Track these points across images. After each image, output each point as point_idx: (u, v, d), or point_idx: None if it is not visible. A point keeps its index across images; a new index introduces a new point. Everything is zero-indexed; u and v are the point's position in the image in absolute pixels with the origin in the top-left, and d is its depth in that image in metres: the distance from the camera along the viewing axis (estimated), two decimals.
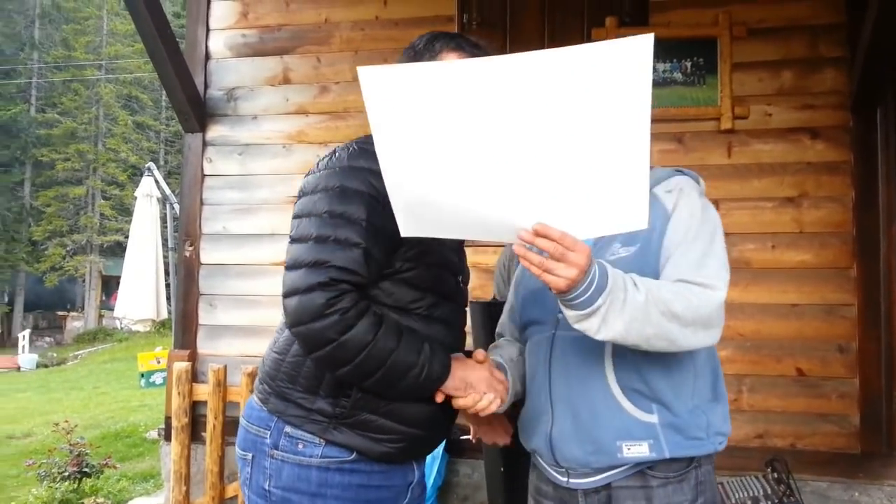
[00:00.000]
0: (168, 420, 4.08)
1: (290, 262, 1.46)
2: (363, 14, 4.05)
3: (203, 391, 3.98)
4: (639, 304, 1.36)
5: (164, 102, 31.14)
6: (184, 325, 4.23)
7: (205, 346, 4.18)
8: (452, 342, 1.66)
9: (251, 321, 3.96)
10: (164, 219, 7.22)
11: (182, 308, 4.25)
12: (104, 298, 29.65)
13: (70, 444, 5.39)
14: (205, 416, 3.96)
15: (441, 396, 1.54)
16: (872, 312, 3.40)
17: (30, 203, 30.41)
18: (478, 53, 1.59)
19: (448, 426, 1.67)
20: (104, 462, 5.49)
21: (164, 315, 7.40)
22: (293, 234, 1.51)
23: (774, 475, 2.73)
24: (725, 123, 3.55)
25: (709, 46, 3.55)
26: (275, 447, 1.57)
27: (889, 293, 3.39)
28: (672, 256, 1.52)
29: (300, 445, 1.55)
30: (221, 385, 3.94)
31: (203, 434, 3.98)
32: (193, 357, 4.14)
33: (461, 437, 3.50)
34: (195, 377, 4.09)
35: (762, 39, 3.57)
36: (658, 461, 1.53)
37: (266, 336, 2.65)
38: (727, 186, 3.55)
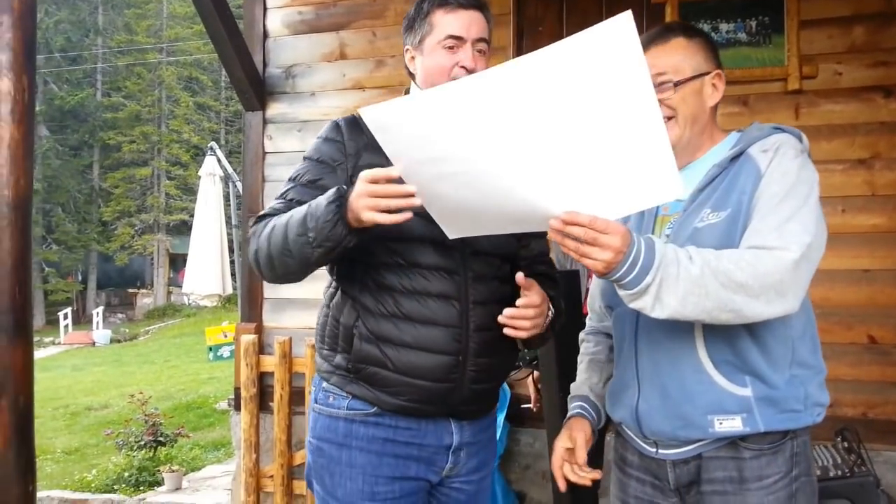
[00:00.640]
0: (237, 391, 4.21)
1: None
2: None
3: (270, 362, 4.10)
4: (693, 277, 1.32)
5: (224, 83, 31.71)
6: (250, 300, 4.34)
7: (270, 319, 4.28)
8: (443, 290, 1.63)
9: (314, 294, 4.01)
10: (228, 197, 7.39)
11: (248, 283, 4.36)
12: (172, 275, 30.62)
13: (145, 415, 5.63)
14: (272, 387, 4.08)
15: None
16: None
17: (99, 185, 31.50)
18: (461, 3, 1.63)
19: (461, 380, 1.63)
20: (177, 432, 5.72)
21: (230, 290, 7.60)
22: None
23: (845, 445, 2.66)
24: (793, 84, 3.43)
25: (775, 4, 3.42)
26: (315, 401, 1.72)
27: None
28: (753, 220, 1.44)
29: (331, 398, 1.67)
30: (287, 356, 4.04)
31: (270, 404, 4.10)
32: (260, 330, 4.25)
33: (522, 406, 3.54)
34: (262, 349, 4.21)
35: None
36: (751, 434, 1.48)
37: None
38: None
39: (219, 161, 7.41)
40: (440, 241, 1.56)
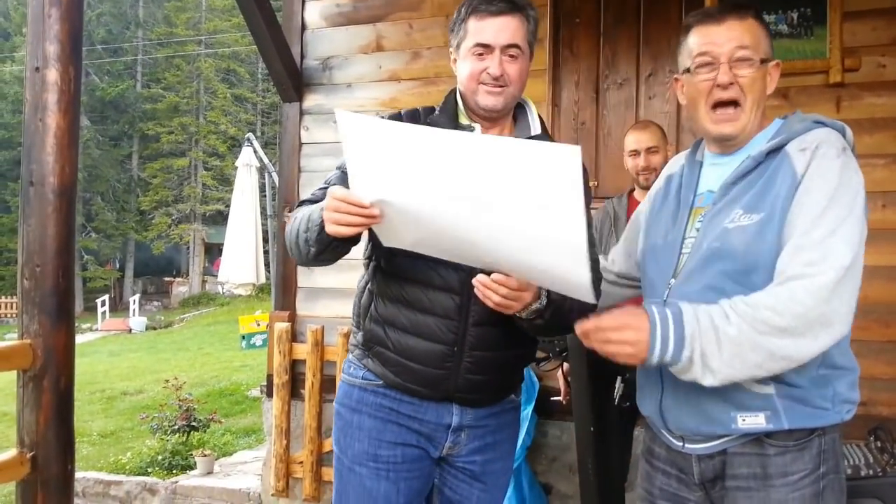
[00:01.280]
0: (270, 377, 4.27)
1: None
2: None
3: (302, 350, 4.15)
4: (733, 338, 1.33)
5: (261, 75, 32.02)
6: (283, 288, 4.40)
7: (303, 308, 4.34)
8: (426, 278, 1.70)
9: (347, 283, 4.06)
10: (263, 187, 7.48)
11: (282, 271, 4.41)
12: (207, 265, 31.06)
13: (179, 400, 5.74)
14: (304, 375, 4.14)
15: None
16: None
17: (137, 175, 32.04)
18: (491, 10, 1.67)
19: (456, 370, 1.71)
20: (210, 417, 5.82)
21: (263, 279, 7.70)
22: None
23: (878, 444, 2.62)
24: (834, 77, 3.36)
25: None
26: (343, 371, 1.90)
27: None
28: (792, 237, 1.40)
29: (351, 368, 1.85)
30: (319, 345, 4.09)
31: (302, 391, 4.15)
32: (293, 318, 4.30)
33: (551, 399, 3.53)
34: (294, 337, 4.26)
35: None
36: (775, 431, 1.47)
37: None
38: None
39: (255, 152, 7.50)
40: None
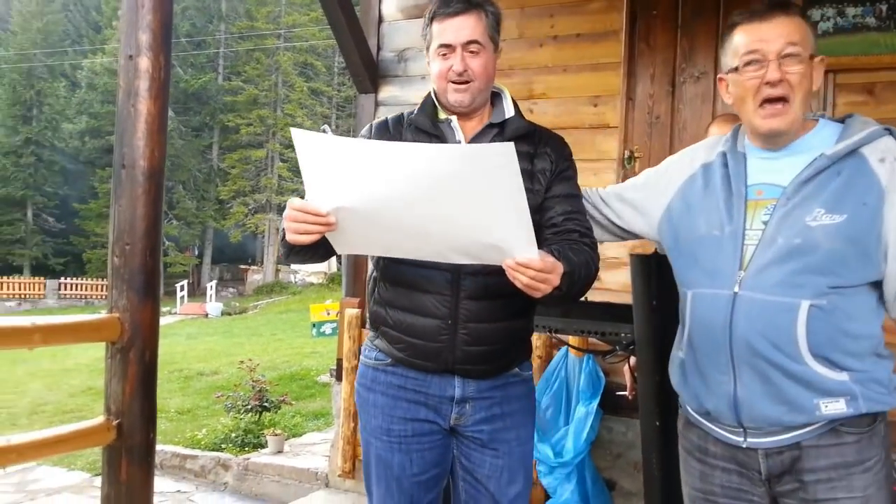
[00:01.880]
0: (339, 362, 4.38)
1: None
2: None
3: None
4: None
5: (337, 69, 32.57)
6: (354, 275, 4.50)
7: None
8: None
9: None
10: None
11: (352, 259, 4.51)
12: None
13: (253, 381, 5.93)
14: None
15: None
16: None
17: (217, 165, 33.11)
18: (448, 12, 1.79)
19: (452, 342, 1.81)
20: (281, 399, 5.99)
21: (335, 269, 7.86)
22: None
23: None
24: None
25: None
26: (361, 353, 2.03)
27: None
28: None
29: (366, 350, 1.98)
30: None
31: None
32: (362, 304, 4.39)
33: (616, 393, 3.51)
34: (364, 323, 4.34)
35: None
36: (851, 417, 1.50)
37: None
38: None
39: None
40: None
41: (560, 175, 1.87)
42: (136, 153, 2.52)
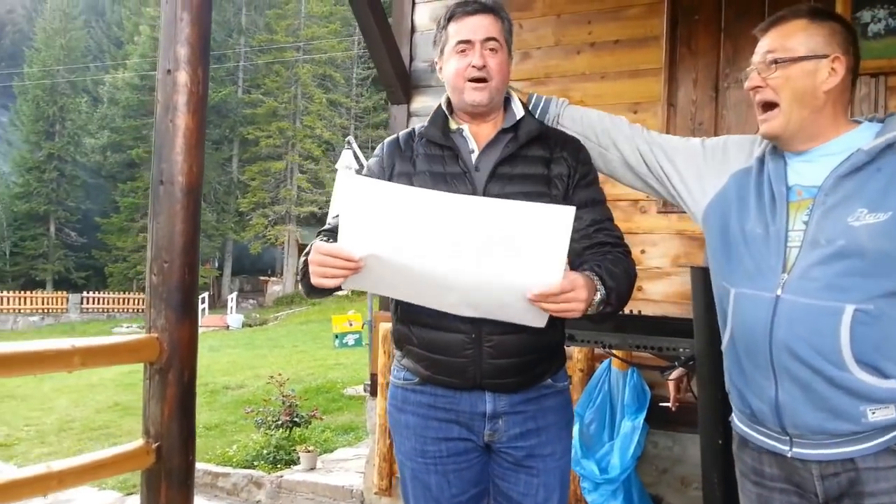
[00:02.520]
0: (374, 377, 4.30)
1: None
2: None
3: None
4: None
5: (355, 80, 32.71)
6: None
7: None
8: None
9: None
10: None
11: None
12: None
13: (283, 396, 5.88)
14: None
15: None
16: None
17: (237, 177, 33.30)
18: (467, 10, 1.79)
19: (478, 356, 1.76)
20: (311, 414, 5.94)
21: None
22: None
23: None
24: None
25: None
26: (390, 373, 1.98)
27: None
28: None
29: (395, 369, 1.94)
30: None
31: None
32: None
33: (660, 404, 3.41)
34: None
35: None
36: None
37: None
38: None
39: (355, 154, 7.63)
40: None
41: (582, 181, 1.83)
42: (175, 168, 2.48)
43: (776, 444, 1.55)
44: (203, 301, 25.82)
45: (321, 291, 1.71)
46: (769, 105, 1.58)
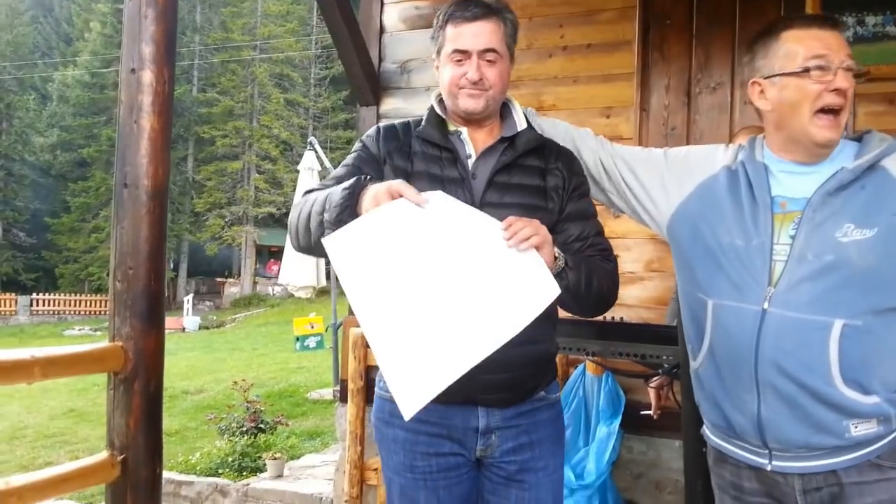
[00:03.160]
0: (343, 382, 4.22)
1: None
2: None
3: None
4: None
5: (313, 80, 32.41)
6: None
7: None
8: None
9: None
10: None
11: None
12: (258, 266, 31.52)
13: (247, 402, 5.76)
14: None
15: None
16: None
17: (192, 177, 32.70)
18: (466, 16, 1.72)
19: (472, 371, 1.66)
20: (277, 420, 5.84)
21: (323, 283, 7.69)
22: None
23: None
24: None
25: None
26: (376, 384, 1.91)
27: None
28: None
29: (381, 381, 1.84)
30: None
31: None
32: None
33: (642, 413, 3.41)
34: (369, 343, 4.21)
35: None
36: (886, 448, 1.44)
37: None
38: None
39: (317, 155, 7.53)
40: None
41: (574, 192, 1.79)
42: (140, 171, 2.37)
43: (755, 458, 1.54)
44: None
45: (317, 248, 1.66)
46: (836, 111, 1.51)
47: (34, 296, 28.87)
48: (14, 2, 35.30)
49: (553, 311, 1.76)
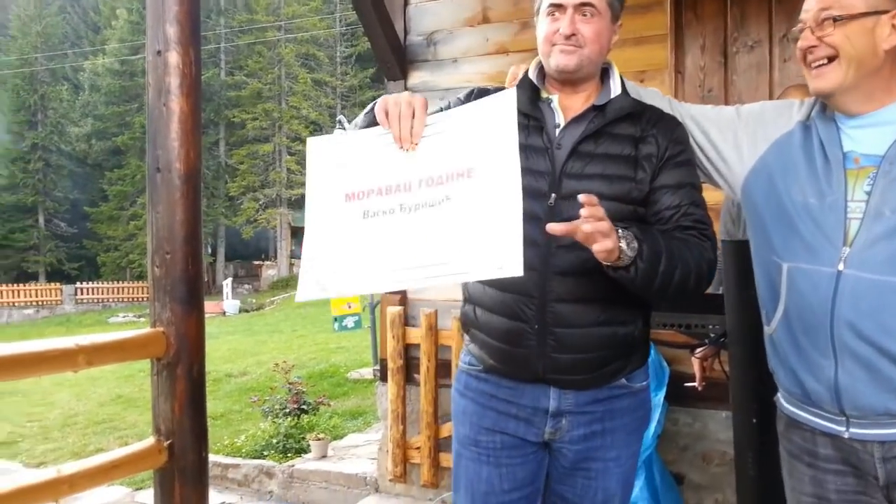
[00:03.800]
0: (383, 362, 4.23)
1: None
2: None
3: (415, 335, 4.08)
4: None
5: (339, 58, 32.32)
6: None
7: (414, 291, 4.25)
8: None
9: None
10: None
11: None
12: (294, 247, 31.76)
13: (289, 383, 5.80)
14: (416, 359, 4.07)
15: None
16: None
17: (225, 161, 32.95)
18: None
19: (541, 349, 1.65)
20: (319, 400, 5.87)
21: None
22: None
23: None
24: None
25: None
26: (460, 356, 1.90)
27: None
28: None
29: (463, 353, 1.85)
30: (433, 329, 4.01)
31: (416, 376, 4.09)
32: (404, 301, 4.23)
33: (686, 385, 3.34)
34: (406, 321, 4.19)
35: None
36: None
37: None
38: None
39: None
40: (527, 212, 1.48)
41: (669, 161, 1.65)
42: (171, 155, 2.36)
43: (832, 426, 1.48)
44: None
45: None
46: (825, 60, 1.47)
47: (78, 284, 29.51)
48: None
49: None
